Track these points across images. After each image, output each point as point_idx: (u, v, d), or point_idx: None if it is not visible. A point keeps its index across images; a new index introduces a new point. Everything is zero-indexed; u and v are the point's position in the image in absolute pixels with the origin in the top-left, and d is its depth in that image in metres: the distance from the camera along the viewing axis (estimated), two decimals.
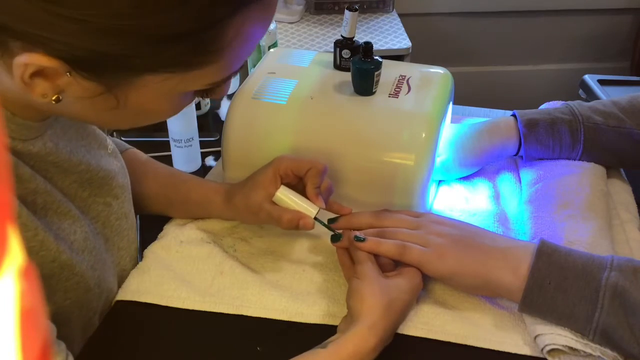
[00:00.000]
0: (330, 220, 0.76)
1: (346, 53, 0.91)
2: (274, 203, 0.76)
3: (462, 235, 0.71)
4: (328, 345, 0.64)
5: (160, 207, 0.87)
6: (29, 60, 0.51)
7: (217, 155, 1.07)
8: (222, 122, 0.89)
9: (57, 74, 0.53)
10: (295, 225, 0.75)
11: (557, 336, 0.65)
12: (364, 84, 0.86)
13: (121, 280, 0.77)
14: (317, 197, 0.75)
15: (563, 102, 0.94)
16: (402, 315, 0.69)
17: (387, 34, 1.95)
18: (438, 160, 0.88)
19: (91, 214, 0.72)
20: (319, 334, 0.70)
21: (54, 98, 0.55)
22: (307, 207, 0.75)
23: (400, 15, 2.07)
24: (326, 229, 0.76)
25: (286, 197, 0.76)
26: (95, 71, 0.53)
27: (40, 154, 0.64)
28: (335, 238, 0.74)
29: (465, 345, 0.69)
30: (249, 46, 0.57)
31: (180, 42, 0.52)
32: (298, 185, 0.77)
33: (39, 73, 0.52)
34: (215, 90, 0.62)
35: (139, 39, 0.51)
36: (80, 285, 0.67)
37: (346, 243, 0.73)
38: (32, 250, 0.61)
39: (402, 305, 0.68)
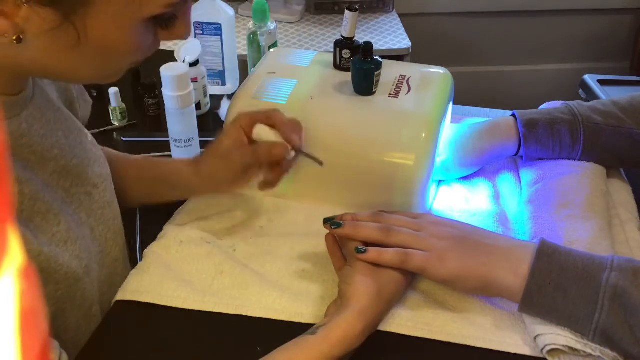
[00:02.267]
0: (334, 225, 0.74)
1: (346, 53, 0.91)
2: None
3: (463, 236, 0.71)
4: (317, 331, 0.65)
5: (136, 195, 0.87)
6: None
7: None
8: (222, 122, 0.89)
9: (16, 8, 0.53)
10: (270, 154, 0.76)
11: (557, 336, 0.65)
12: (364, 84, 0.86)
13: (115, 271, 0.77)
14: (292, 136, 0.76)
15: (563, 102, 0.94)
16: (390, 304, 0.71)
17: (387, 34, 1.95)
18: (438, 160, 0.88)
19: (75, 204, 0.72)
20: None
21: (14, 37, 0.55)
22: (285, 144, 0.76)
23: (400, 15, 2.07)
24: (324, 228, 0.75)
25: (264, 131, 0.77)
26: None
27: (15, 136, 0.63)
28: (336, 225, 0.73)
29: (466, 346, 0.69)
30: None
31: None
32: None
33: None
34: (175, 25, 0.63)
35: None
36: (69, 275, 0.67)
37: (347, 231, 0.73)
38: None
39: (391, 294, 0.70)
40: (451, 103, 0.93)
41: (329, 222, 0.74)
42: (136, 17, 0.58)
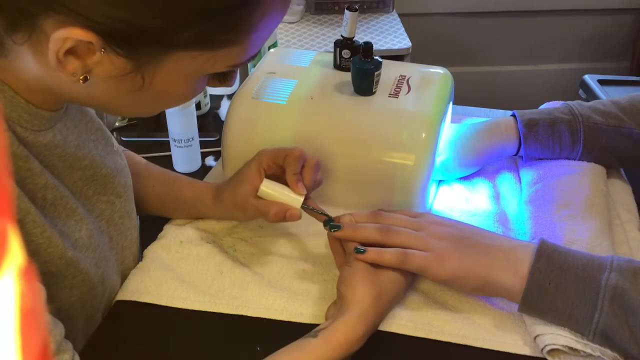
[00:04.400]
0: (333, 227, 0.74)
1: (346, 53, 0.91)
2: (261, 197, 0.77)
3: (462, 236, 0.71)
4: (318, 334, 0.65)
5: (154, 206, 0.87)
6: (67, 34, 0.51)
7: (217, 155, 1.07)
8: (222, 122, 0.90)
9: (90, 52, 0.53)
10: (283, 218, 0.75)
11: (557, 336, 0.65)
12: (364, 84, 0.86)
13: (124, 279, 0.78)
14: (297, 184, 0.75)
15: (563, 102, 0.94)
16: (390, 305, 0.71)
17: (387, 34, 1.95)
18: (438, 160, 0.88)
19: (95, 212, 0.73)
20: None
21: (81, 77, 0.55)
22: (292, 197, 0.75)
23: (400, 15, 2.07)
24: (324, 230, 0.75)
25: (270, 189, 0.76)
26: (130, 47, 0.54)
27: (49, 146, 0.64)
28: (335, 227, 0.73)
29: (465, 346, 0.69)
30: (269, 30, 0.60)
31: (216, 17, 0.54)
32: (283, 176, 0.77)
33: (72, 51, 0.53)
34: (229, 76, 0.65)
35: (177, 11, 0.52)
36: (85, 282, 0.67)
37: (346, 233, 0.72)
38: (41, 247, 0.61)
39: (391, 295, 0.70)
40: (451, 103, 0.93)
41: (328, 225, 0.74)
42: (201, 73, 0.60)
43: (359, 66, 0.85)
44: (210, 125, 1.21)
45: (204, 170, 1.07)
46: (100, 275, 0.70)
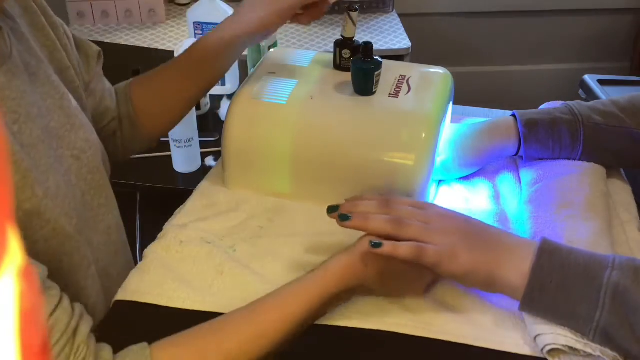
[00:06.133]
0: (342, 217, 0.72)
1: (346, 53, 0.91)
2: None
3: (468, 230, 0.71)
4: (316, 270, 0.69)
5: (193, 83, 0.91)
6: None
7: (217, 155, 1.07)
8: (222, 122, 0.90)
9: None
10: None
11: (557, 336, 0.65)
12: (364, 84, 0.86)
13: (109, 239, 0.78)
14: None
15: (563, 102, 0.94)
16: (396, 282, 0.72)
17: (387, 34, 1.95)
18: (438, 160, 0.88)
19: (64, 166, 0.72)
20: (318, 334, 0.70)
21: None
22: None
23: (400, 15, 2.07)
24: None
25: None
26: None
27: None
28: (343, 217, 0.72)
29: (465, 345, 0.69)
30: None
31: None
32: None
33: None
34: None
35: None
36: (57, 231, 0.67)
37: (356, 223, 0.72)
38: None
39: (398, 274, 0.71)
40: (451, 103, 0.93)
41: (335, 211, 0.73)
42: None
43: (359, 66, 0.85)
44: (210, 125, 1.21)
45: (204, 170, 1.07)
46: (75, 226, 0.70)
